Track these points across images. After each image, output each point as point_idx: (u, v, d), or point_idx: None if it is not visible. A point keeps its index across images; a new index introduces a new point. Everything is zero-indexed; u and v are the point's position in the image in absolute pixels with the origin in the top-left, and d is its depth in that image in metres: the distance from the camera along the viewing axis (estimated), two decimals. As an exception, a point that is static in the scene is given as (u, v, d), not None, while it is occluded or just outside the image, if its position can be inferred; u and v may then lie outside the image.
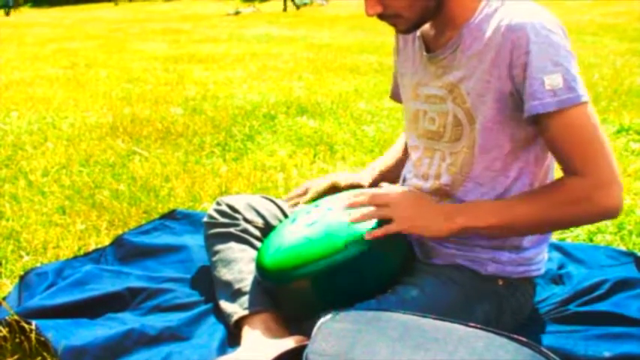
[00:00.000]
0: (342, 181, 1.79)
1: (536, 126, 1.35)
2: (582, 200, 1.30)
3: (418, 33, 1.54)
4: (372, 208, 1.42)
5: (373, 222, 1.44)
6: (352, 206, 1.44)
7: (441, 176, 1.49)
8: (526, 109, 1.31)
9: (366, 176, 1.82)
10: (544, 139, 1.35)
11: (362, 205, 1.43)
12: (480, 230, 1.38)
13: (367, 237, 1.39)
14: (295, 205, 1.80)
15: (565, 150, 1.32)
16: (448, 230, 1.37)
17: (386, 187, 1.52)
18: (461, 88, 1.41)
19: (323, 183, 1.80)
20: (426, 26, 1.52)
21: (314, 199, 1.76)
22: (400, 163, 1.79)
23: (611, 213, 1.32)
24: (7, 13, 19.19)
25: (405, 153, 1.78)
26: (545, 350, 1.06)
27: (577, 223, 1.39)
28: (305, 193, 1.81)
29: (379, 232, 1.39)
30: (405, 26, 1.41)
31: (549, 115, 1.29)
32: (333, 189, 1.78)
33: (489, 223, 1.36)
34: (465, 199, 1.47)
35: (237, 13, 16.35)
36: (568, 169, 1.33)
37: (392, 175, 1.79)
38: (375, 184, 1.80)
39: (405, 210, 1.40)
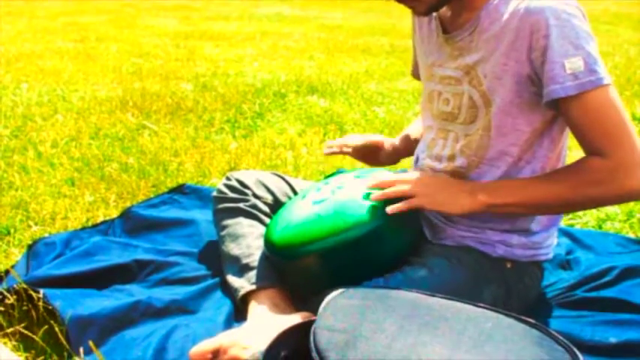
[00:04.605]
0: (378, 141, 1.86)
1: (557, 110, 1.33)
2: (605, 181, 1.28)
3: (435, 13, 1.52)
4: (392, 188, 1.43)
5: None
6: (379, 197, 1.43)
7: (455, 158, 1.48)
8: (546, 93, 1.29)
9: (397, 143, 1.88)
10: (566, 122, 1.34)
11: (382, 186, 1.44)
12: (501, 207, 1.37)
13: (389, 211, 1.38)
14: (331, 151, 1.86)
15: (587, 132, 1.29)
16: (470, 206, 1.36)
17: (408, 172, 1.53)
18: (477, 70, 1.40)
19: (360, 141, 1.84)
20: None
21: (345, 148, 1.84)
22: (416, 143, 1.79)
23: (634, 195, 1.29)
24: None
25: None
26: (553, 332, 1.05)
27: (599, 203, 1.37)
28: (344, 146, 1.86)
29: (401, 206, 1.38)
30: (423, 8, 1.39)
31: (570, 98, 1.27)
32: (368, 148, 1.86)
33: (512, 200, 1.35)
34: (479, 180, 1.46)
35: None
36: (591, 150, 1.31)
37: (406, 152, 1.81)
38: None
39: (426, 187, 1.40)
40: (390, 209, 1.38)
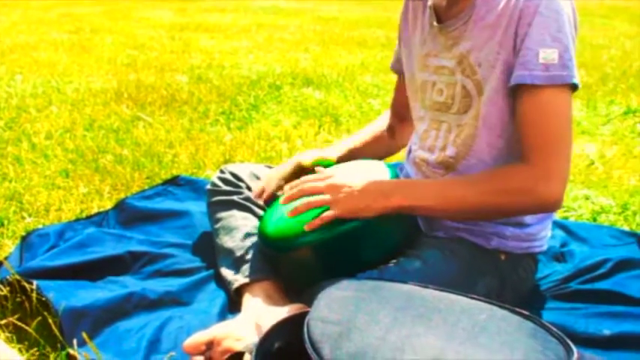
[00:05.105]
0: (308, 160, 1.70)
1: (515, 98, 1.33)
2: (525, 191, 1.30)
3: (429, 3, 1.51)
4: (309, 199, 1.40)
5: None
6: (289, 200, 1.43)
7: (447, 148, 1.48)
8: (513, 77, 1.30)
9: (333, 152, 1.76)
10: (516, 113, 1.33)
11: (300, 196, 1.42)
12: (416, 210, 1.38)
13: (306, 228, 1.38)
14: (265, 198, 1.71)
15: (530, 131, 1.30)
16: (382, 209, 1.35)
17: (323, 170, 1.52)
18: (470, 59, 1.39)
19: (286, 168, 1.73)
20: (438, -4, 1.50)
21: (280, 187, 1.69)
22: (374, 143, 1.77)
23: (551, 207, 1.33)
24: None
25: (391, 133, 1.80)
26: (547, 324, 1.05)
27: (516, 212, 1.40)
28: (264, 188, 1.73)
29: (317, 221, 1.37)
30: None
31: (533, 88, 1.28)
32: (300, 170, 1.70)
33: (426, 203, 1.36)
34: (466, 173, 1.46)
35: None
36: (526, 151, 1.31)
37: (361, 153, 1.75)
38: (342, 161, 1.72)
39: (340, 193, 1.37)
40: (307, 226, 1.38)
